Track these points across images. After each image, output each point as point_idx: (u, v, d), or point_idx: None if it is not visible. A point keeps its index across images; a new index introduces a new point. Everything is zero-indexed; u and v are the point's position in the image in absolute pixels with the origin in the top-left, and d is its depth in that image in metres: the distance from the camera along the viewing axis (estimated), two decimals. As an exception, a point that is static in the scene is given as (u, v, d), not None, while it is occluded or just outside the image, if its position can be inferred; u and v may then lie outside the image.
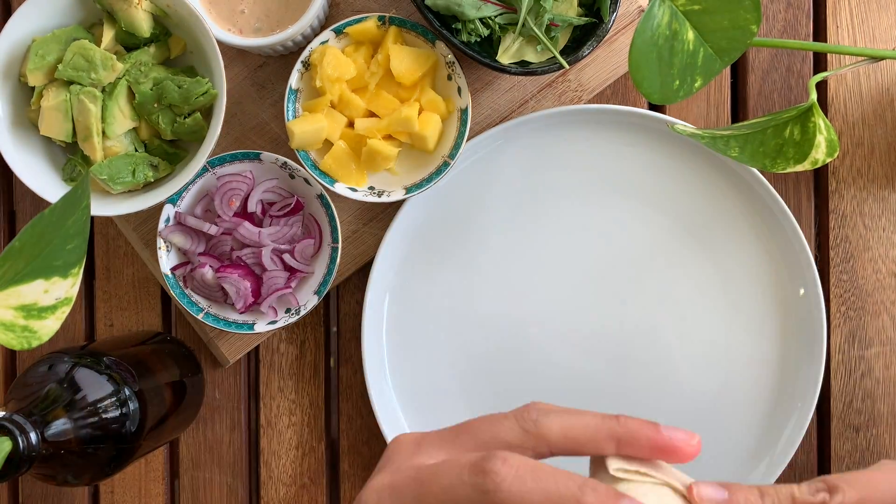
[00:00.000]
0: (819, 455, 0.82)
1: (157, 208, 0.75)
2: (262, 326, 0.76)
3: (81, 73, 0.70)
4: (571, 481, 0.37)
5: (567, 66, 0.71)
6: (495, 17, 0.72)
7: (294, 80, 0.75)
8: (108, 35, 0.72)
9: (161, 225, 0.75)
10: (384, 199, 0.75)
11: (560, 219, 0.80)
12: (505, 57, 0.73)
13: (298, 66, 0.74)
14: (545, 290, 0.80)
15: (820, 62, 0.82)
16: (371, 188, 0.76)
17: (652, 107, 0.82)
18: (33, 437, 0.59)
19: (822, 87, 0.81)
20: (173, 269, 0.76)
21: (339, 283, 0.83)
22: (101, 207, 0.72)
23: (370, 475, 0.74)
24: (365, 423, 0.83)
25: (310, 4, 0.73)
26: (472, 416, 0.80)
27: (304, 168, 0.75)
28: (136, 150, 0.74)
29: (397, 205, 0.79)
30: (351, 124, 0.76)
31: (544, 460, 0.40)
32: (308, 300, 0.76)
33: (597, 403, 0.80)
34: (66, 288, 0.56)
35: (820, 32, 0.82)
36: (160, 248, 0.75)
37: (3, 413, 0.59)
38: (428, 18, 0.72)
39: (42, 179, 0.72)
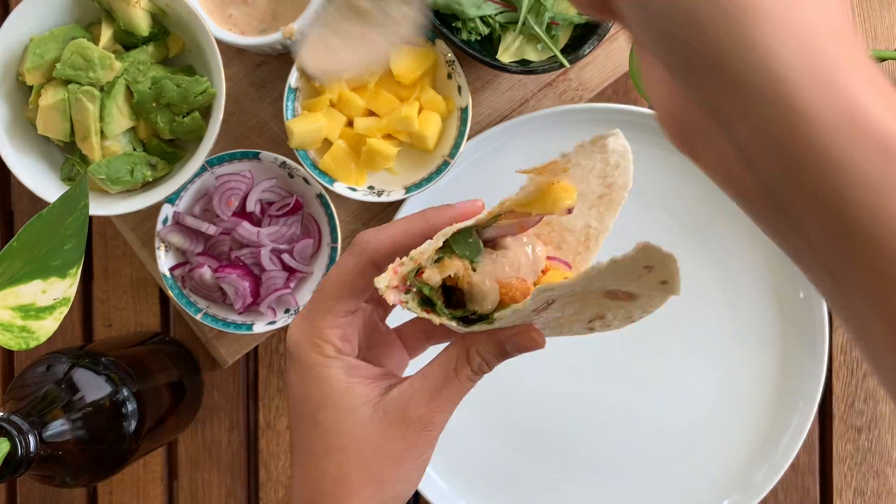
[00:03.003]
0: (821, 456, 0.82)
1: (156, 208, 0.74)
2: (260, 327, 0.76)
3: (80, 72, 0.70)
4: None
5: (568, 65, 0.70)
6: (495, 15, 0.72)
7: (293, 78, 0.74)
8: (106, 34, 0.72)
9: (159, 225, 0.75)
10: (384, 198, 0.75)
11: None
12: (505, 55, 0.73)
13: (297, 64, 0.74)
14: (545, 290, 0.80)
15: (821, 61, 0.82)
16: (370, 188, 0.76)
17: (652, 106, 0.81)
18: (31, 438, 0.58)
19: (823, 86, 0.81)
20: (172, 269, 0.76)
21: (338, 284, 0.82)
22: (99, 207, 0.71)
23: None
24: (364, 423, 0.82)
25: (309, 2, 0.73)
26: (471, 414, 0.80)
27: (303, 167, 0.74)
28: (135, 150, 0.74)
29: (397, 204, 0.79)
30: (350, 123, 0.76)
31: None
32: (307, 300, 0.76)
33: (597, 404, 0.80)
34: (64, 288, 0.56)
35: (821, 31, 0.82)
36: (158, 248, 0.75)
37: (1, 414, 0.59)
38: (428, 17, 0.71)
39: (40, 179, 0.72)
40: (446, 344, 0.48)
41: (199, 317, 0.76)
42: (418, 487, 0.79)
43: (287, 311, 0.76)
